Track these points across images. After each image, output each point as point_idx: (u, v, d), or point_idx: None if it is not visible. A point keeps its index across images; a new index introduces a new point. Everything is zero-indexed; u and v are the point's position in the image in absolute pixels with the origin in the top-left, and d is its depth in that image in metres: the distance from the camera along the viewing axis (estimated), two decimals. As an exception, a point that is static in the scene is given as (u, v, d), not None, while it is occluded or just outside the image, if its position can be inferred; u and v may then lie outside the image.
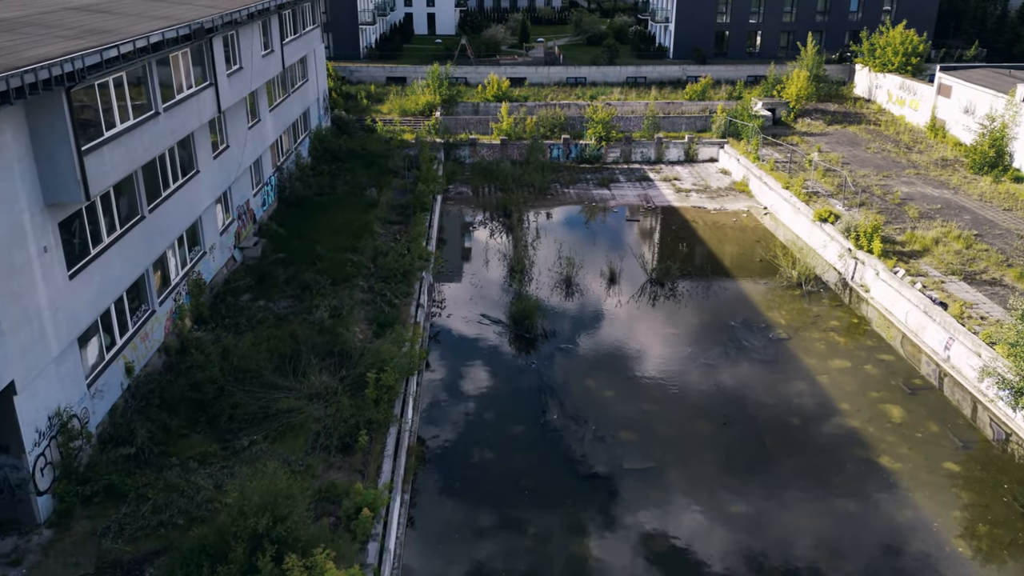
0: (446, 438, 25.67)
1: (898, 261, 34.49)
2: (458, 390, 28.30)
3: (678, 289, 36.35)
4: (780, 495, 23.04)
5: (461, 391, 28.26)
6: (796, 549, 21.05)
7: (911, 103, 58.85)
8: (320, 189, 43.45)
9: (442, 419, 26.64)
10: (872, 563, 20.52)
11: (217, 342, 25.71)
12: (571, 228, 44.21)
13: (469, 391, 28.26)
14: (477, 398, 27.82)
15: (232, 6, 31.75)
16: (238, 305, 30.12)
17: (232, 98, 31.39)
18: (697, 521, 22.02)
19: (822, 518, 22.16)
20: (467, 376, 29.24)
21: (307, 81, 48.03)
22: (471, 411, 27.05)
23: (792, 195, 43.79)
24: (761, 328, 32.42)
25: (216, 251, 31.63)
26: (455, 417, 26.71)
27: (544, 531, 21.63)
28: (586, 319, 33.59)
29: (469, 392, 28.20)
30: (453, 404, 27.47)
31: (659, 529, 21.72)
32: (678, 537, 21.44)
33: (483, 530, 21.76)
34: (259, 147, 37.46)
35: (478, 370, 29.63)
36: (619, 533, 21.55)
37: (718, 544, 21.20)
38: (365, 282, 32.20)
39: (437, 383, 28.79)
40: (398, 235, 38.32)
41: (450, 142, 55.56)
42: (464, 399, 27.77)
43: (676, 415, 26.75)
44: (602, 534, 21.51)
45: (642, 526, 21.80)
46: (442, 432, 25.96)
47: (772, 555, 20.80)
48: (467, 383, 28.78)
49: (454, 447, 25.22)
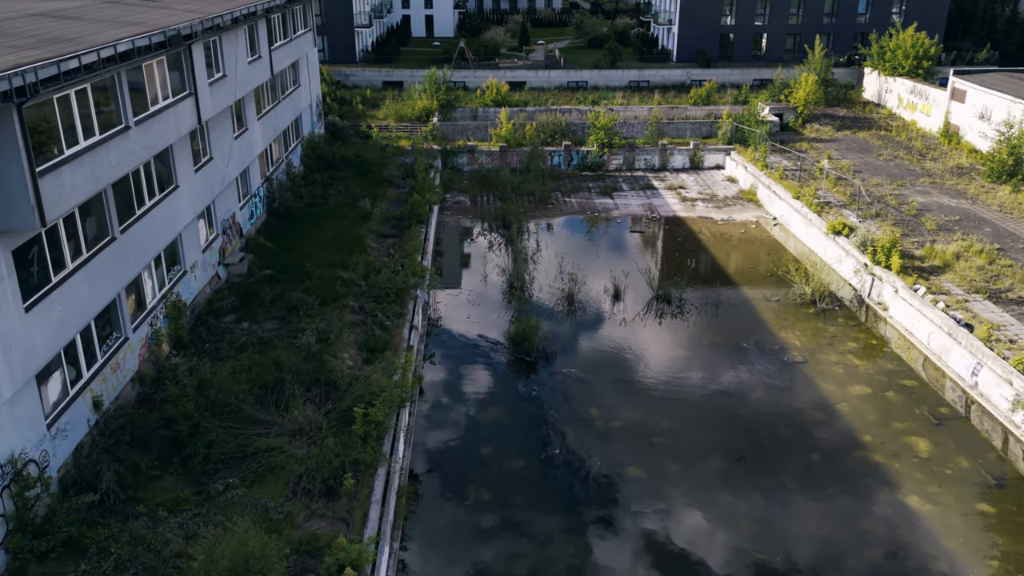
0: (440, 475, 23.90)
1: (918, 278, 32.71)
2: (453, 421, 26.53)
3: (686, 306, 34.58)
4: (803, 542, 21.25)
5: (457, 422, 26.49)
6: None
7: (923, 108, 57.08)
8: (312, 200, 41.70)
9: (436, 454, 24.87)
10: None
11: (194, 372, 23.96)
12: (573, 240, 42.44)
13: (465, 421, 26.49)
14: (474, 430, 26.05)
15: (215, 10, 30.00)
16: (220, 328, 28.38)
17: (215, 108, 29.64)
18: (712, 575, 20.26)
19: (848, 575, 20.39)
20: (463, 404, 27.48)
21: (299, 87, 46.29)
22: (467, 445, 25.28)
23: (803, 205, 42.03)
24: (775, 350, 30.65)
25: (198, 269, 29.88)
26: (450, 451, 24.95)
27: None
28: (589, 340, 31.82)
29: (465, 423, 26.43)
30: (448, 436, 25.70)
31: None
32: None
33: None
34: (246, 157, 35.71)
35: (475, 398, 27.86)
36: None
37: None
38: (356, 302, 30.43)
39: (431, 412, 27.03)
40: (392, 249, 36.57)
41: (447, 149, 53.82)
42: (460, 430, 26.00)
43: (688, 449, 24.97)
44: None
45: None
46: (436, 469, 24.19)
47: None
48: (463, 412, 27.02)
49: (449, 486, 23.45)
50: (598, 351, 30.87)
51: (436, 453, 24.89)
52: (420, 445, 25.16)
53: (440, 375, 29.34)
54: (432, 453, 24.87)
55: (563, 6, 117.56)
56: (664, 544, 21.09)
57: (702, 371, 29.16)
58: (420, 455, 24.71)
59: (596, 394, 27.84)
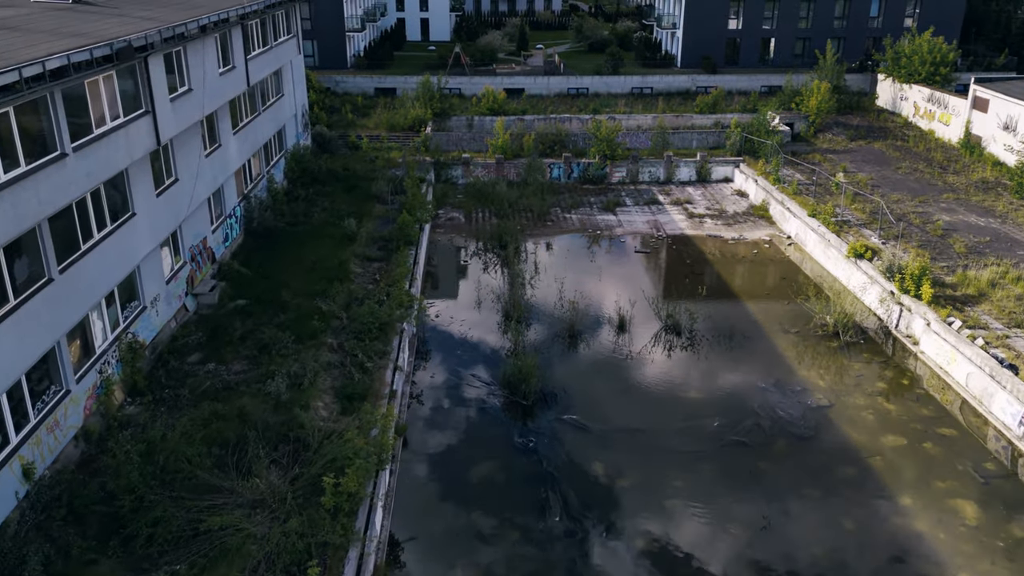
0: (423, 550, 21.05)
1: (951, 309, 29.87)
2: (441, 478, 23.68)
3: (697, 338, 31.75)
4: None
5: (444, 479, 23.63)
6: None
7: (941, 117, 54.25)
8: (294, 218, 38.90)
9: (420, 521, 22.03)
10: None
11: (144, 431, 21.12)
12: (574, 261, 39.59)
13: (454, 480, 23.63)
14: (463, 490, 23.17)
15: (179, 18, 27.20)
16: (183, 370, 25.56)
17: (178, 126, 26.81)
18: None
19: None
20: (452, 458, 24.63)
21: (282, 96, 43.49)
22: (456, 509, 22.40)
23: (820, 224, 39.20)
24: (797, 392, 27.80)
25: (161, 303, 27.07)
26: (435, 519, 22.09)
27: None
28: (592, 379, 28.98)
29: (454, 481, 23.57)
30: (434, 498, 22.84)
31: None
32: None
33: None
34: (219, 176, 32.91)
35: (466, 450, 25.02)
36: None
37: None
38: (335, 338, 27.59)
39: (416, 467, 24.19)
40: (378, 274, 33.74)
41: (441, 161, 50.99)
42: (447, 491, 23.13)
43: (705, 514, 22.10)
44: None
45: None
46: (419, 540, 21.35)
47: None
48: (452, 468, 24.17)
49: (433, 565, 20.59)
50: (602, 393, 28.04)
51: (420, 519, 22.05)
52: (402, 509, 22.31)
53: (427, 422, 26.50)
54: (416, 519, 22.03)
55: (563, 8, 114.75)
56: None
57: (718, 417, 26.31)
58: (402, 521, 21.85)
59: (601, 446, 24.98)
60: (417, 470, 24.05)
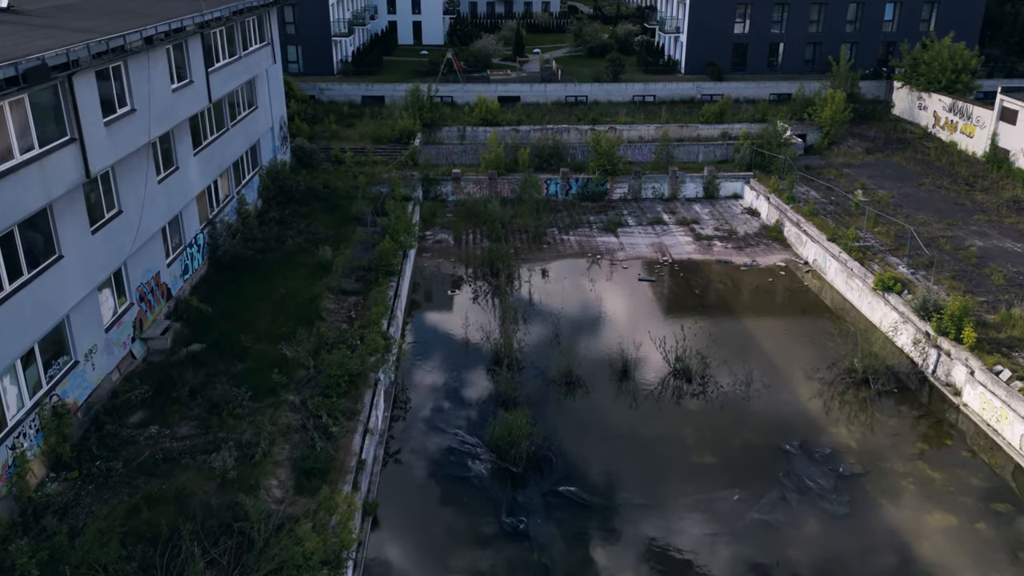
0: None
1: (999, 356, 26.44)
2: (414, 573, 20.23)
3: (709, 385, 28.35)
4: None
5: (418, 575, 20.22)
6: None
7: (964, 128, 50.81)
8: (265, 244, 35.44)
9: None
10: None
11: (48, 538, 17.69)
12: (572, 292, 36.13)
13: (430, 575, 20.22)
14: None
15: (118, 29, 23.74)
16: (120, 435, 22.09)
17: (116, 153, 23.34)
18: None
19: None
20: (429, 544, 21.20)
21: (256, 109, 40.04)
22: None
23: (841, 250, 35.78)
24: (826, 455, 24.35)
25: (99, 354, 23.62)
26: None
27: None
28: (592, 438, 25.52)
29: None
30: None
31: None
32: None
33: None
34: (177, 202, 29.48)
35: (444, 533, 21.57)
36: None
37: None
38: (297, 394, 24.13)
39: (386, 556, 20.74)
40: (354, 312, 30.28)
41: (430, 177, 47.54)
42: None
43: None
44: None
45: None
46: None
47: None
48: (428, 559, 20.72)
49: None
50: (603, 456, 24.58)
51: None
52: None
53: (401, 496, 23.07)
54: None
55: (561, 9, 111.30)
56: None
57: (737, 488, 22.87)
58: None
59: (602, 526, 21.53)
60: (388, 558, 20.61)
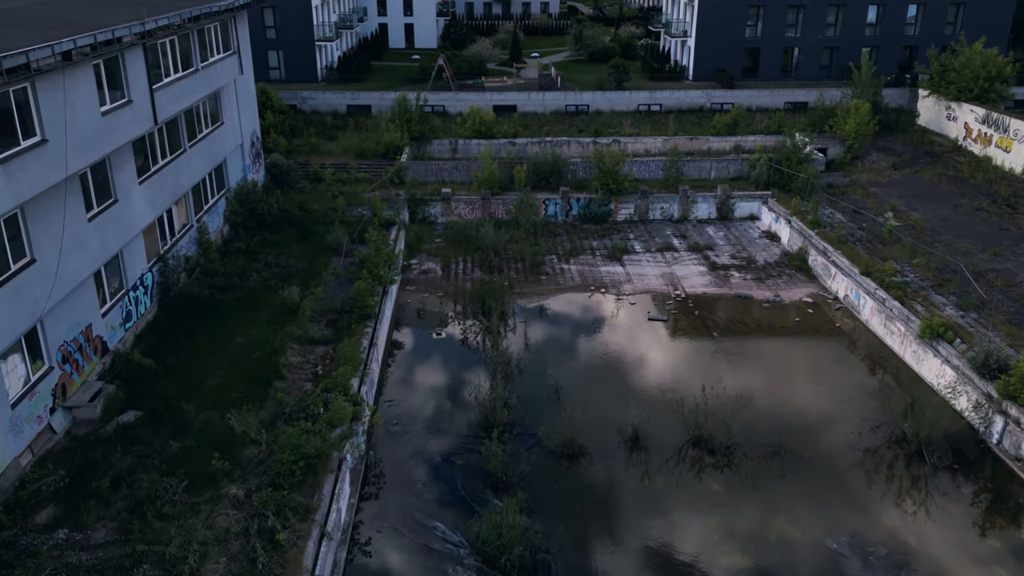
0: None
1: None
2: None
3: (734, 455, 24.18)
4: None
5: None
6: None
7: (1000, 142, 46.64)
8: (227, 281, 31.37)
9: None
10: None
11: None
12: (573, 335, 31.95)
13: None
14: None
15: (28, 42, 19.53)
16: (18, 545, 17.94)
17: (16, 196, 19.16)
18: None
19: None
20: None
21: (221, 125, 35.88)
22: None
23: (877, 287, 31.62)
24: (882, 557, 20.16)
25: (2, 437, 19.46)
26: None
27: None
28: (598, 531, 21.33)
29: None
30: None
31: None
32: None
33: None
34: (115, 241, 25.35)
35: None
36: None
37: None
38: (242, 485, 19.95)
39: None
40: (321, 366, 26.12)
41: (417, 197, 43.33)
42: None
43: None
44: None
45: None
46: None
47: None
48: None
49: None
50: (613, 559, 20.38)
51: None
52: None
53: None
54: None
55: (561, 10, 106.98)
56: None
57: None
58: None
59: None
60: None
